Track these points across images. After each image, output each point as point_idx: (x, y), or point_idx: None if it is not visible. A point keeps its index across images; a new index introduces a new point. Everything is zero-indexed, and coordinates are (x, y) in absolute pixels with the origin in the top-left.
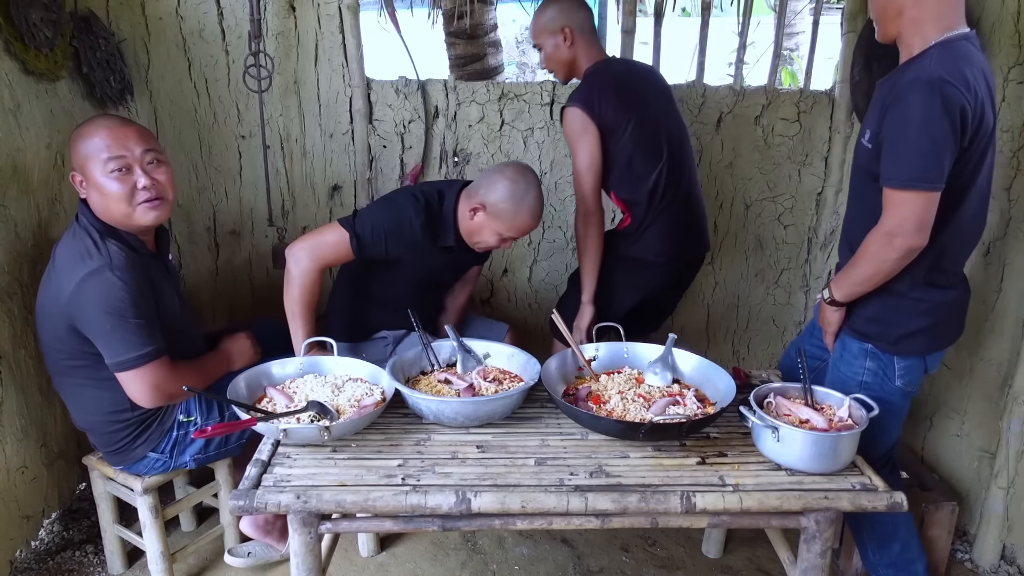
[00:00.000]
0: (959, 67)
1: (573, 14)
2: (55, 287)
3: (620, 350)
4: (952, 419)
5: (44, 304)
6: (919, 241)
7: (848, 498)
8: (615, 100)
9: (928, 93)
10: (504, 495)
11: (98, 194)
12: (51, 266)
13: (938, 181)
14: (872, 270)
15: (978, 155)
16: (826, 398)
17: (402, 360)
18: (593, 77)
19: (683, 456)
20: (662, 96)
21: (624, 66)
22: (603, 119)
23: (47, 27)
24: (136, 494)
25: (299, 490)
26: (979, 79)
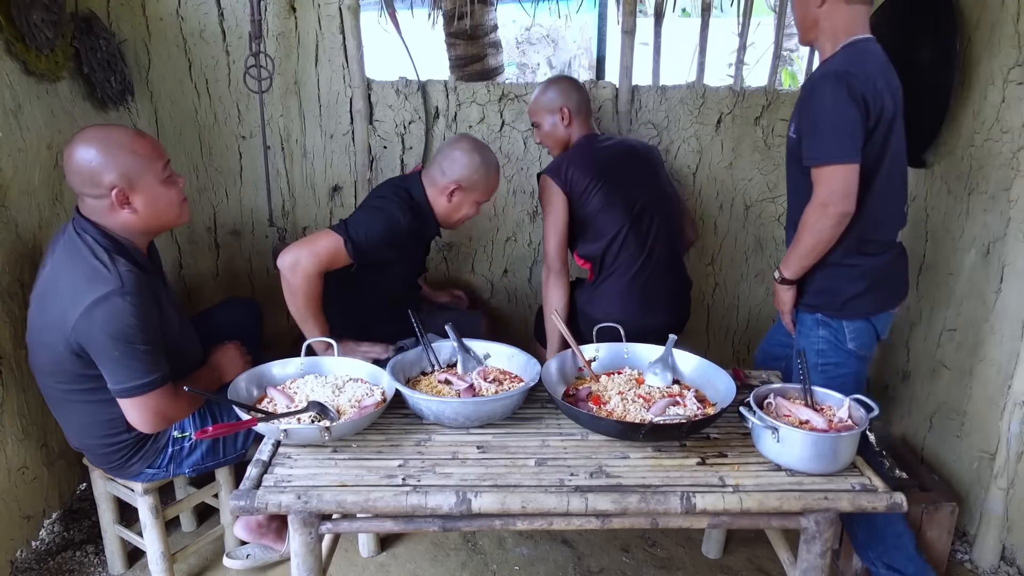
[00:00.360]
0: (861, 62)
1: (571, 96)
2: (58, 309)
3: (620, 351)
4: (952, 420)
5: (41, 325)
6: (848, 206)
7: (848, 499)
8: (583, 166)
9: (835, 83)
10: (504, 495)
11: (148, 206)
12: (49, 286)
13: (853, 155)
14: (813, 240)
15: (882, 138)
16: (826, 399)
17: (402, 361)
18: (572, 148)
19: (683, 457)
20: (644, 166)
21: (605, 139)
22: (570, 184)
23: (48, 28)
24: (137, 495)
25: (300, 490)
26: (878, 73)
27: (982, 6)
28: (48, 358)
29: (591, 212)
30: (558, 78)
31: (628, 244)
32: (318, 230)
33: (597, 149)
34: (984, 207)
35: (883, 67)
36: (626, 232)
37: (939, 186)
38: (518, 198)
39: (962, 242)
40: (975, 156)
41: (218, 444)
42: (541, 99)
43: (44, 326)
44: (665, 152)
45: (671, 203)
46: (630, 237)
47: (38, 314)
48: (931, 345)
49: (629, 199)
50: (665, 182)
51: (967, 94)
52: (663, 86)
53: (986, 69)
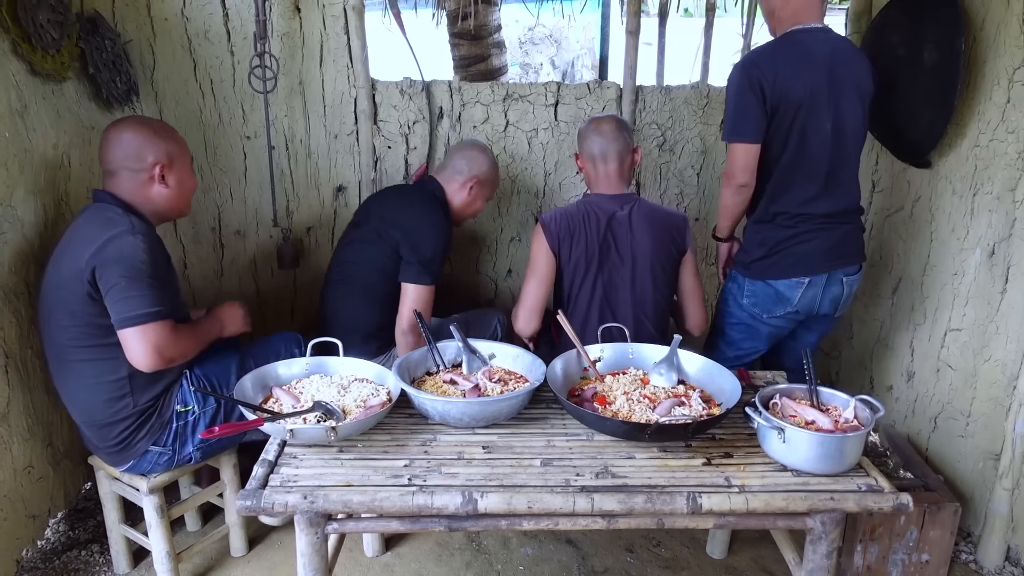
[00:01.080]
0: (774, 53)
1: (585, 144)
2: (72, 257)
3: (625, 351)
4: (957, 420)
5: (56, 281)
6: (743, 179)
7: (854, 499)
8: (566, 221)
9: (739, 72)
10: (510, 495)
11: (178, 185)
12: (64, 245)
13: (749, 136)
14: (722, 205)
15: (788, 123)
16: (831, 399)
17: (408, 361)
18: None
19: (689, 457)
20: (626, 227)
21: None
22: (554, 240)
23: (54, 28)
24: (142, 494)
25: (306, 490)
26: (790, 63)
27: (987, 6)
28: (62, 311)
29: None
30: (595, 122)
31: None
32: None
33: (586, 202)
34: (989, 207)
35: (802, 56)
36: (593, 295)
37: (944, 186)
38: (522, 198)
39: (967, 242)
40: (980, 156)
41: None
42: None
43: (59, 282)
44: (669, 152)
45: (647, 255)
46: (595, 299)
47: (53, 273)
48: (935, 345)
49: (593, 260)
50: (646, 236)
51: (972, 94)
52: (667, 86)
53: (991, 69)
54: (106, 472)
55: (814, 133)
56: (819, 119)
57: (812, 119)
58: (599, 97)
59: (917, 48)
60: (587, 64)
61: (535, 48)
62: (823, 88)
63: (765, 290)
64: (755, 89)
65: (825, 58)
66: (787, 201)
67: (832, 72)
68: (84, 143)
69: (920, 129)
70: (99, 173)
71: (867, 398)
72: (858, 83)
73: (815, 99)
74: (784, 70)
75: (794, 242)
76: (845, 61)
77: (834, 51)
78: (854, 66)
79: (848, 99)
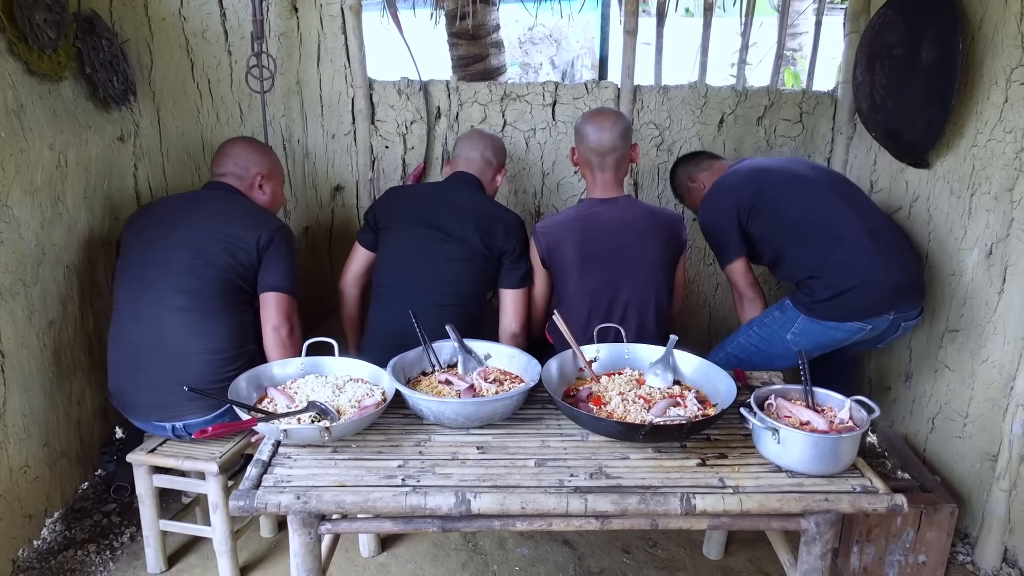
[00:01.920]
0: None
1: (581, 144)
2: (239, 234)
3: (621, 351)
4: (954, 421)
5: (233, 236)
6: (751, 294)
7: (848, 500)
8: (557, 229)
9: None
10: (504, 496)
11: (272, 196)
12: (219, 217)
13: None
14: (744, 316)
15: (767, 216)
16: (827, 400)
17: (403, 361)
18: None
19: (683, 458)
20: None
21: (591, 203)
22: (543, 250)
23: (51, 28)
24: (210, 475)
25: (299, 490)
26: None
27: (985, 5)
28: (223, 265)
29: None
30: (593, 120)
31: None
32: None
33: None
34: (987, 207)
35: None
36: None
37: (942, 186)
38: (519, 198)
39: (965, 242)
40: (978, 156)
41: None
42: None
43: (232, 236)
44: (668, 152)
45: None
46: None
47: (213, 241)
48: (933, 346)
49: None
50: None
51: (970, 94)
52: (665, 86)
53: (989, 69)
54: (149, 468)
55: (801, 209)
56: (794, 194)
57: (787, 198)
58: (597, 97)
59: (915, 48)
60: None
61: (535, 48)
62: (763, 190)
63: (819, 331)
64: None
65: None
66: (813, 276)
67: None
68: (81, 143)
69: (918, 129)
70: (95, 173)
71: (863, 399)
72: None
73: (758, 197)
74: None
75: (857, 290)
76: None
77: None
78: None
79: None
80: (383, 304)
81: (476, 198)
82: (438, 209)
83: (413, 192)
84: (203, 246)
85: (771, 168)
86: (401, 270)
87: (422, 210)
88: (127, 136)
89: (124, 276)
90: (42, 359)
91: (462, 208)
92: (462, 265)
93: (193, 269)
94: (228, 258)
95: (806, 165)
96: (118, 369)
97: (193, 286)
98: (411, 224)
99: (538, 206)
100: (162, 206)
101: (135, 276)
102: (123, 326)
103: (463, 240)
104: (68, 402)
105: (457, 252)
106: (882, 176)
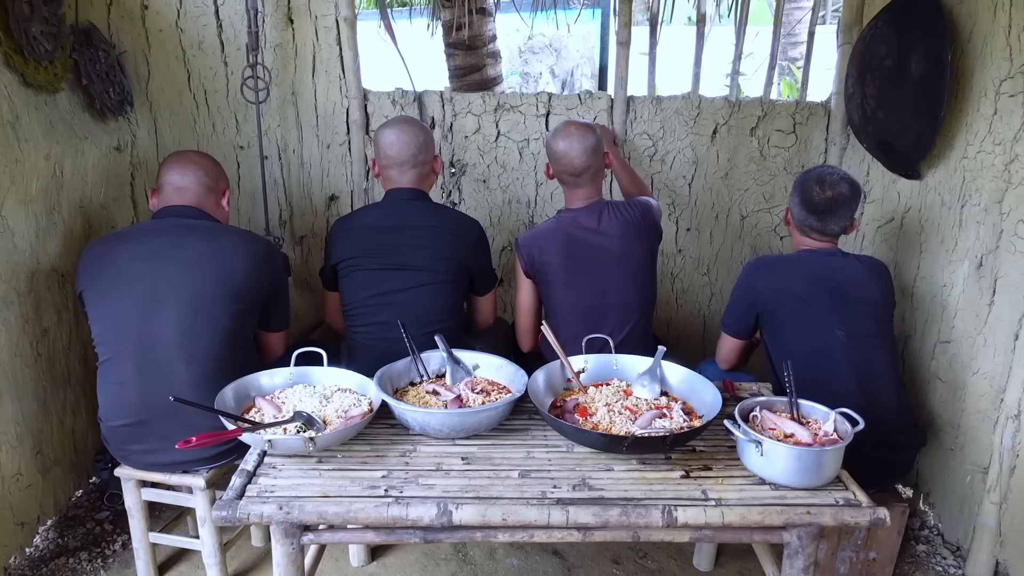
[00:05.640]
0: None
1: (552, 161)
2: (248, 273)
3: (609, 362)
4: (946, 433)
5: (236, 289)
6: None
7: (831, 513)
8: (539, 241)
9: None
10: (485, 508)
11: (228, 208)
12: (211, 255)
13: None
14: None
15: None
16: (811, 412)
17: (391, 371)
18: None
19: (667, 470)
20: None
21: (569, 214)
22: (526, 263)
23: (47, 40)
24: (198, 489)
25: (282, 501)
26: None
27: (974, 18)
28: (228, 325)
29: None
30: (561, 137)
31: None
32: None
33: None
34: (977, 219)
35: (805, 271)
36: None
37: (933, 197)
38: (513, 208)
39: (955, 254)
40: (968, 168)
41: None
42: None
43: (235, 270)
44: (660, 163)
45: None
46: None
47: (226, 263)
48: (925, 357)
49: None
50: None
51: (960, 106)
52: (658, 96)
53: (979, 81)
54: (137, 482)
55: (820, 324)
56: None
57: (801, 314)
58: (590, 107)
59: (905, 59)
60: (587, 73)
61: (535, 57)
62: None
63: None
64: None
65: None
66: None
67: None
68: (77, 153)
69: (908, 140)
70: (92, 183)
71: (848, 411)
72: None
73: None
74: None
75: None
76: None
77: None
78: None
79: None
80: (364, 339)
81: (426, 214)
82: (393, 237)
83: (362, 228)
84: (201, 308)
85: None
86: (373, 310)
87: (377, 247)
88: (124, 146)
89: (112, 348)
90: (36, 368)
91: (417, 230)
92: (434, 289)
93: (197, 338)
94: (232, 308)
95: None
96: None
97: (200, 353)
98: (372, 268)
99: (532, 216)
100: (125, 255)
101: (129, 351)
102: (125, 393)
103: (428, 269)
104: (62, 410)
105: (425, 278)
106: (875, 187)
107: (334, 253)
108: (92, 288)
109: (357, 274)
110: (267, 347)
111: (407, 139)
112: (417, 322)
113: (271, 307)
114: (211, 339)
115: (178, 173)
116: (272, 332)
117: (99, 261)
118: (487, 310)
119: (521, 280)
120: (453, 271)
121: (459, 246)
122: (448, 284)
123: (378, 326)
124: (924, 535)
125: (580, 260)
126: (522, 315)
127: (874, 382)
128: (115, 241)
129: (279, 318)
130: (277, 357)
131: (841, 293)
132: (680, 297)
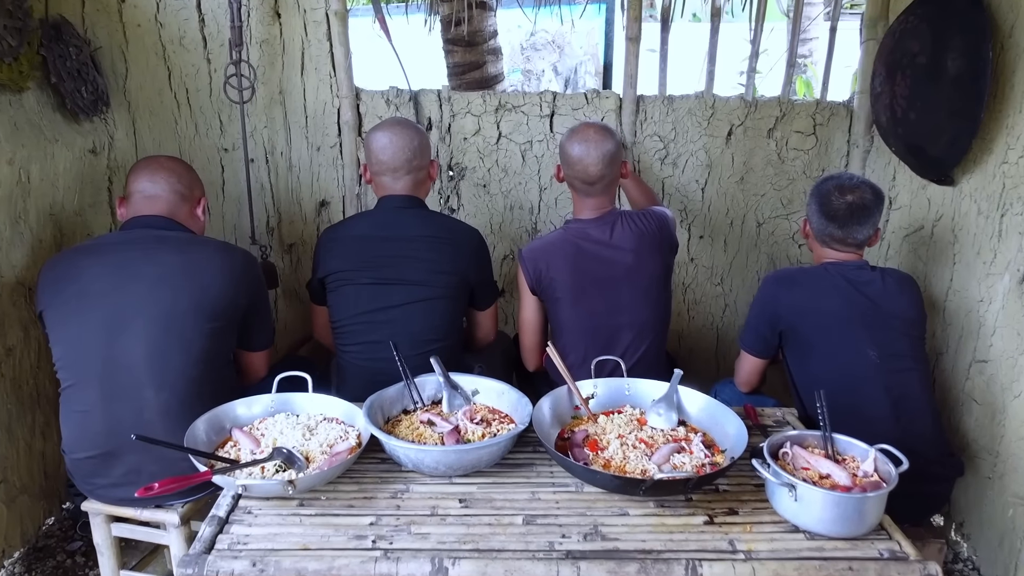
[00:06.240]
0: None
1: (566, 165)
2: (225, 290)
3: (621, 387)
4: (983, 459)
5: (213, 309)
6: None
7: (876, 568)
8: (545, 254)
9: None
10: (486, 564)
11: (205, 217)
12: (197, 261)
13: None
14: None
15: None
16: (848, 448)
17: (382, 398)
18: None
19: (689, 514)
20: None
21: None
22: (532, 279)
23: (11, 35)
24: (171, 526)
25: (256, 556)
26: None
27: (1016, 11)
28: (204, 345)
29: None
30: (577, 139)
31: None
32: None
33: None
34: (1019, 229)
35: (821, 284)
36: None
37: (968, 205)
38: (515, 214)
39: (994, 267)
40: (1008, 174)
41: None
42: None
43: (211, 286)
44: (672, 166)
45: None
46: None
47: (204, 290)
48: (959, 377)
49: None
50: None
51: (1000, 107)
52: (670, 96)
53: (1021, 80)
54: (106, 517)
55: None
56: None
57: (828, 338)
58: (598, 107)
59: (940, 56)
60: (590, 71)
61: (537, 54)
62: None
63: None
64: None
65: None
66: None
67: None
68: (46, 157)
69: (942, 144)
70: (64, 188)
71: (889, 448)
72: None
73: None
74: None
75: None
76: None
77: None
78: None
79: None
80: (355, 359)
81: (422, 223)
82: (385, 248)
83: (352, 238)
84: (172, 327)
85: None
86: (364, 328)
87: (368, 259)
88: (100, 149)
89: (75, 373)
90: (0, 389)
91: (411, 241)
92: (430, 305)
93: (168, 360)
94: (207, 326)
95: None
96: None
97: (171, 377)
98: (363, 282)
99: (535, 223)
100: (89, 272)
101: (93, 376)
102: (89, 422)
103: (423, 283)
104: (30, 434)
105: (421, 294)
106: (902, 192)
107: (322, 265)
108: (53, 307)
109: (347, 289)
110: (248, 368)
111: (401, 143)
112: (412, 341)
113: (251, 324)
114: (184, 361)
115: (148, 180)
116: (253, 352)
117: (61, 278)
118: (488, 326)
119: (526, 296)
120: (451, 285)
121: (457, 257)
122: (445, 300)
123: (369, 345)
124: (958, 569)
125: (590, 276)
126: (527, 333)
127: (908, 408)
128: (78, 256)
129: (260, 336)
130: (260, 379)
131: (872, 309)
132: (692, 309)
